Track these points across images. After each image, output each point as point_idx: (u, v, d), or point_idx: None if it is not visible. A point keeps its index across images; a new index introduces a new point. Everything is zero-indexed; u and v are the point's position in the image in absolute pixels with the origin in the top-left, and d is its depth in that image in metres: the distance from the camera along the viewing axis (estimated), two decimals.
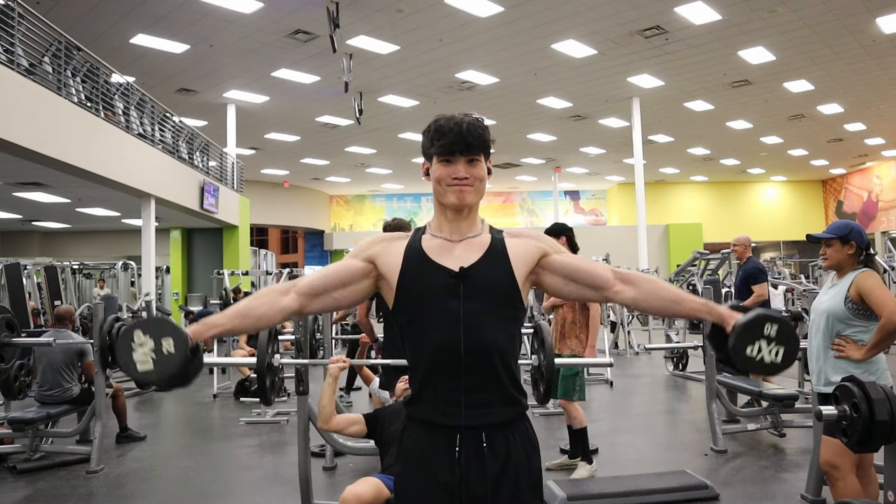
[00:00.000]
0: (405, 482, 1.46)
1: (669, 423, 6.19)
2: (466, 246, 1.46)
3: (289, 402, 6.79)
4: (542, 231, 1.58)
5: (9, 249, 17.50)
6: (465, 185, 1.42)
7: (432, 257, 1.44)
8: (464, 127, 1.41)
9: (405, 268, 1.44)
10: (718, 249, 9.33)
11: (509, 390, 1.44)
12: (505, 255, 1.45)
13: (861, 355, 2.70)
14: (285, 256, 30.33)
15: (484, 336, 1.40)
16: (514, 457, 1.42)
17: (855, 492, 2.61)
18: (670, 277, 10.43)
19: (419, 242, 1.48)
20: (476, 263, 1.43)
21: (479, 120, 1.45)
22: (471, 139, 1.41)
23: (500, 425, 1.42)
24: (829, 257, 2.86)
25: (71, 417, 5.27)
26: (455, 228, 1.47)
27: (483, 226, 1.51)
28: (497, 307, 1.42)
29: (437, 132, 1.43)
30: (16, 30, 7.51)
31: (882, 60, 13.11)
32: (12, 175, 9.56)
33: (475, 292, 1.40)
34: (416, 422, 1.46)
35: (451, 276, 1.41)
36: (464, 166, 1.42)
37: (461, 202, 1.43)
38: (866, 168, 24.84)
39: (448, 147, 1.41)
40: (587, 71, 13.32)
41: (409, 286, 1.43)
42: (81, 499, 4.00)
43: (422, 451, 1.43)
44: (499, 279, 1.43)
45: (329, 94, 14.19)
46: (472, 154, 1.42)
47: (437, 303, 1.41)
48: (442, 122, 1.44)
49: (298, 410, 3.36)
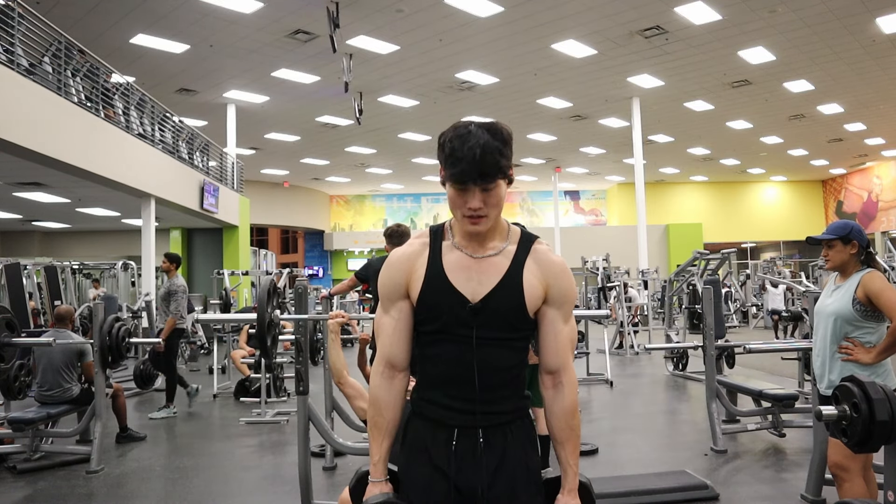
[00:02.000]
0: (407, 467, 1.50)
1: (669, 423, 6.19)
2: (486, 267, 1.44)
3: (289, 402, 6.80)
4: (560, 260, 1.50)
5: (9, 249, 17.49)
6: (480, 216, 1.38)
7: (451, 279, 1.43)
8: (477, 154, 1.32)
9: (426, 287, 1.44)
10: (718, 249, 9.32)
11: (514, 398, 1.48)
12: (520, 285, 1.43)
13: (871, 358, 2.66)
14: (285, 256, 30.34)
15: (495, 357, 1.43)
16: (511, 452, 1.45)
17: (861, 494, 2.59)
18: (670, 277, 10.42)
19: (440, 257, 1.46)
20: (491, 293, 1.42)
21: (496, 138, 1.35)
22: (485, 168, 1.33)
23: (498, 426, 1.45)
24: (832, 258, 2.83)
25: (71, 417, 5.27)
26: (477, 241, 1.45)
27: (509, 235, 1.48)
28: (508, 332, 1.44)
29: (452, 157, 1.34)
30: (16, 30, 7.51)
31: (882, 60, 13.11)
32: (12, 175, 9.56)
33: (488, 322, 1.41)
34: (420, 416, 1.49)
35: (466, 306, 1.41)
36: (479, 196, 1.36)
37: (475, 233, 1.42)
38: (866, 168, 24.84)
39: (460, 177, 1.34)
40: (587, 71, 13.32)
41: (427, 303, 1.44)
42: (81, 499, 4.00)
43: (424, 442, 1.47)
44: (512, 308, 1.43)
45: (329, 94, 14.19)
46: (486, 183, 1.35)
47: (451, 325, 1.42)
48: (456, 144, 1.34)
49: (298, 410, 3.36)
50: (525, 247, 1.47)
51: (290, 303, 8.44)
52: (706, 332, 4.84)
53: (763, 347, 4.76)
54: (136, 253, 12.13)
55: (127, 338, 4.88)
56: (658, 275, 16.39)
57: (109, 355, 4.71)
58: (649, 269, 14.93)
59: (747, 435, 5.08)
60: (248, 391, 7.17)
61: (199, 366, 10.35)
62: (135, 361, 7.93)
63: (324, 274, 28.35)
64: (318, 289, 12.77)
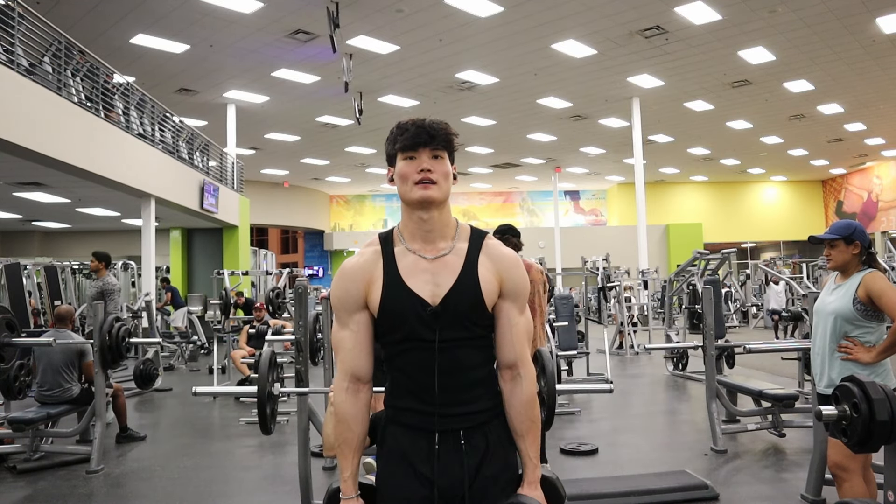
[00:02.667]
0: (384, 475, 1.49)
1: (669, 423, 6.19)
2: (440, 267, 1.44)
3: (289, 402, 6.79)
4: (519, 256, 1.55)
5: (9, 249, 17.49)
6: (430, 179, 1.41)
7: (407, 282, 1.43)
8: (426, 122, 1.43)
9: (385, 295, 1.43)
10: (718, 249, 9.33)
11: (484, 397, 1.48)
12: (476, 281, 1.44)
13: (871, 358, 2.66)
14: (285, 256, 30.35)
15: (457, 357, 1.43)
16: (492, 451, 1.46)
17: (862, 494, 2.58)
18: (670, 277, 10.43)
19: (394, 263, 1.45)
20: (449, 293, 1.42)
21: (441, 122, 1.47)
22: (433, 131, 1.42)
23: (478, 425, 1.46)
24: (834, 258, 2.82)
25: (71, 417, 5.27)
26: (428, 239, 1.46)
27: (458, 233, 1.49)
28: (469, 331, 1.44)
29: (399, 130, 1.45)
30: (16, 30, 7.51)
31: (882, 60, 13.11)
32: (12, 175, 9.56)
33: (449, 323, 1.42)
34: (396, 422, 1.49)
35: (426, 308, 1.41)
36: (428, 160, 1.42)
37: (426, 197, 1.41)
38: (866, 168, 24.84)
39: (411, 140, 1.42)
40: (587, 71, 13.32)
41: (388, 311, 1.44)
42: (81, 499, 4.00)
43: (401, 447, 1.46)
44: (471, 306, 1.43)
45: (329, 94, 14.19)
46: (435, 146, 1.42)
47: (413, 330, 1.42)
48: (403, 122, 1.46)
49: (298, 410, 3.36)
50: (476, 243, 1.48)
51: (291, 303, 8.43)
52: (706, 332, 4.84)
53: (763, 347, 4.75)
54: (136, 253, 12.13)
55: (127, 338, 4.88)
56: (658, 275, 16.40)
57: (109, 355, 4.71)
58: (649, 269, 14.94)
59: (747, 435, 5.07)
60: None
61: (199, 366, 10.35)
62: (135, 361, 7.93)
63: (324, 274, 28.35)
64: (318, 289, 12.76)
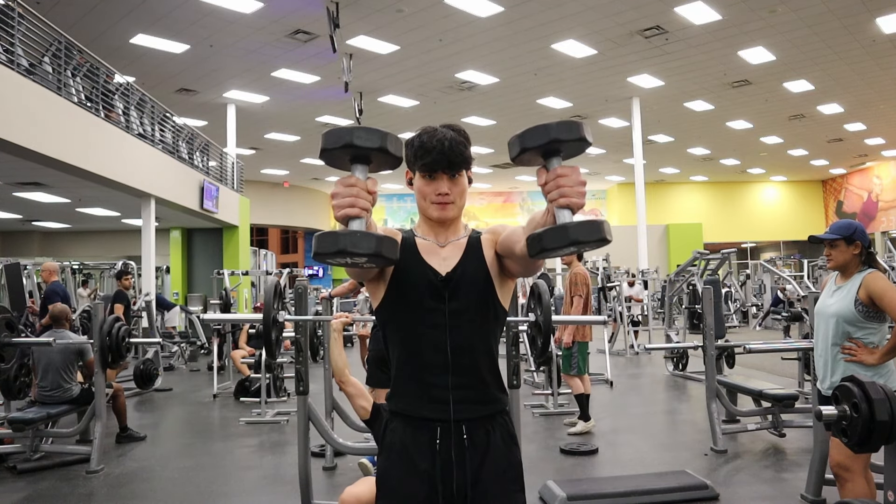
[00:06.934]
0: (385, 472, 1.50)
1: (669, 423, 6.19)
2: (451, 248, 1.54)
3: (289, 402, 6.80)
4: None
5: (9, 249, 17.48)
6: (447, 201, 1.50)
7: (423, 256, 1.52)
8: (446, 145, 1.45)
9: (401, 263, 1.48)
10: (718, 249, 9.33)
11: (491, 387, 1.50)
12: (480, 252, 1.54)
13: (875, 359, 2.65)
14: (285, 256, 30.36)
15: (467, 335, 1.47)
16: (494, 449, 1.47)
17: (864, 494, 2.58)
18: (670, 277, 10.43)
19: (413, 241, 1.55)
20: (458, 264, 1.51)
21: (460, 135, 1.50)
22: (453, 157, 1.46)
23: (482, 419, 1.47)
24: (834, 258, 2.81)
25: (71, 417, 5.27)
26: (441, 234, 1.57)
27: (466, 230, 1.60)
28: (478, 305, 1.49)
29: (421, 149, 1.47)
30: (16, 30, 7.51)
31: (882, 60, 13.11)
32: (12, 175, 9.56)
33: (457, 293, 1.48)
34: (399, 416, 1.50)
35: (438, 278, 1.48)
36: (446, 183, 1.49)
37: (443, 218, 1.51)
38: (866, 168, 24.84)
39: (431, 165, 1.47)
40: (587, 71, 13.32)
41: (401, 280, 1.49)
42: (81, 499, 4.00)
43: (402, 443, 1.47)
44: (477, 276, 1.50)
45: (329, 94, 14.19)
46: (454, 171, 1.48)
47: (424, 302, 1.47)
48: (425, 138, 1.47)
49: (298, 410, 3.36)
50: (477, 234, 1.60)
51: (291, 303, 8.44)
52: (706, 332, 4.84)
53: (763, 347, 4.75)
54: (136, 253, 12.13)
55: (127, 338, 4.88)
56: (658, 275, 16.39)
57: (109, 355, 4.71)
58: (649, 269, 14.93)
59: (747, 435, 5.08)
60: (248, 391, 7.17)
61: (198, 366, 10.35)
62: (135, 361, 7.93)
63: (324, 274, 28.34)
64: (318, 289, 12.76)
